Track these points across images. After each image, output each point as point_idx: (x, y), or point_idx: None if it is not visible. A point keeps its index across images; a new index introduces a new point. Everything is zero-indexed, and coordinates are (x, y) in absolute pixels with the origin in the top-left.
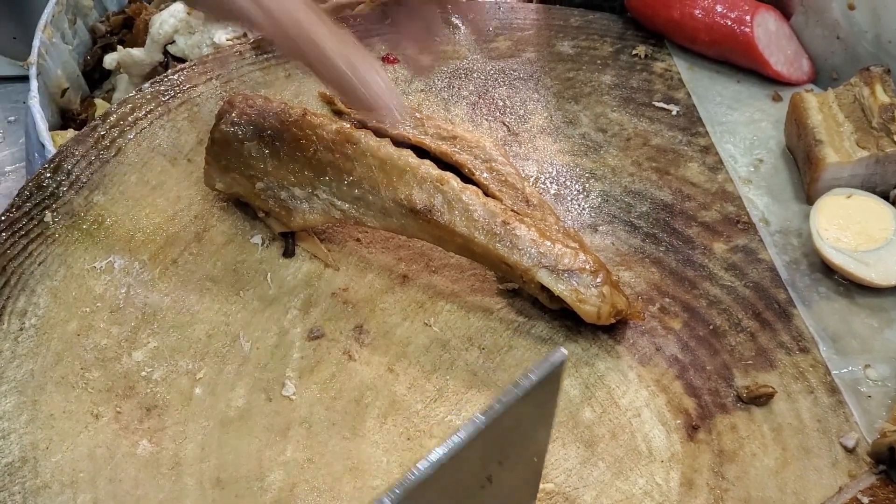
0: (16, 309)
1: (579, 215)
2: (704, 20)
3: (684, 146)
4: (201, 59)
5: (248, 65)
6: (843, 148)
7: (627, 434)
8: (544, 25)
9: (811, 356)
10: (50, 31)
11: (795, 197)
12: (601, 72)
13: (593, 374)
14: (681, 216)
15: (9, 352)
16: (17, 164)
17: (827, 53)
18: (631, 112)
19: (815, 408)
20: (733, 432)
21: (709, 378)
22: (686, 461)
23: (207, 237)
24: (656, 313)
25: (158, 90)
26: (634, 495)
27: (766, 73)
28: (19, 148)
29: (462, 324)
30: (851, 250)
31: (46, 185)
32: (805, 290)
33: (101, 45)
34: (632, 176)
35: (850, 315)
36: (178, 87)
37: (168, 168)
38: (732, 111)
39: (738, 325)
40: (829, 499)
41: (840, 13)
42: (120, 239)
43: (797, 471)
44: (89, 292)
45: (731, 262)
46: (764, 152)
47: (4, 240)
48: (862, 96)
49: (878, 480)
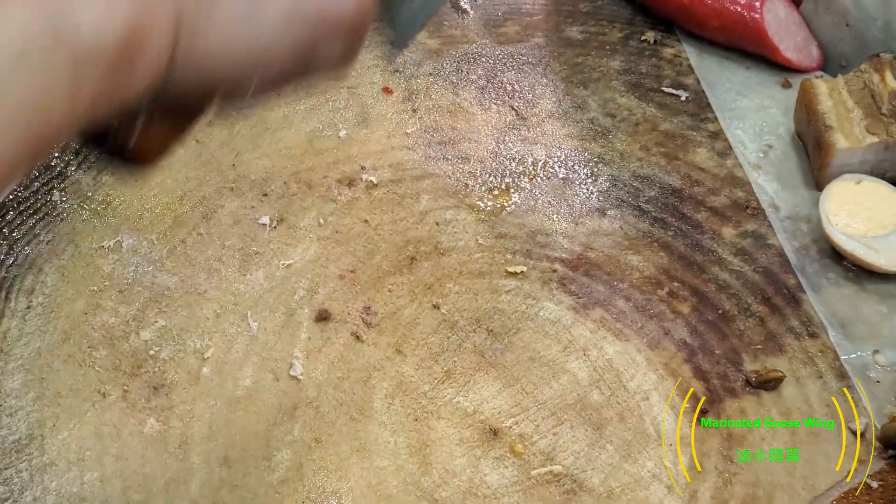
0: (23, 287)
1: (587, 199)
2: (714, 6)
3: (693, 132)
4: None
5: None
6: (852, 134)
7: (636, 417)
8: (553, 11)
9: (820, 341)
10: None
11: (805, 183)
12: (610, 57)
13: (601, 356)
14: (689, 201)
15: (16, 330)
16: None
17: (836, 40)
18: (640, 97)
19: (824, 392)
20: (742, 415)
21: (717, 362)
22: (695, 445)
23: (215, 217)
24: (665, 297)
25: None
26: (643, 478)
27: (775, 59)
28: None
29: (470, 305)
30: (861, 236)
31: (54, 165)
32: (814, 276)
33: None
34: (640, 161)
35: (859, 301)
36: None
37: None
38: (742, 97)
39: (748, 310)
40: (837, 483)
41: (851, 1)
42: (128, 219)
43: (806, 455)
44: (97, 271)
45: (741, 248)
46: (773, 138)
47: (12, 219)
48: (872, 83)
49: (888, 465)
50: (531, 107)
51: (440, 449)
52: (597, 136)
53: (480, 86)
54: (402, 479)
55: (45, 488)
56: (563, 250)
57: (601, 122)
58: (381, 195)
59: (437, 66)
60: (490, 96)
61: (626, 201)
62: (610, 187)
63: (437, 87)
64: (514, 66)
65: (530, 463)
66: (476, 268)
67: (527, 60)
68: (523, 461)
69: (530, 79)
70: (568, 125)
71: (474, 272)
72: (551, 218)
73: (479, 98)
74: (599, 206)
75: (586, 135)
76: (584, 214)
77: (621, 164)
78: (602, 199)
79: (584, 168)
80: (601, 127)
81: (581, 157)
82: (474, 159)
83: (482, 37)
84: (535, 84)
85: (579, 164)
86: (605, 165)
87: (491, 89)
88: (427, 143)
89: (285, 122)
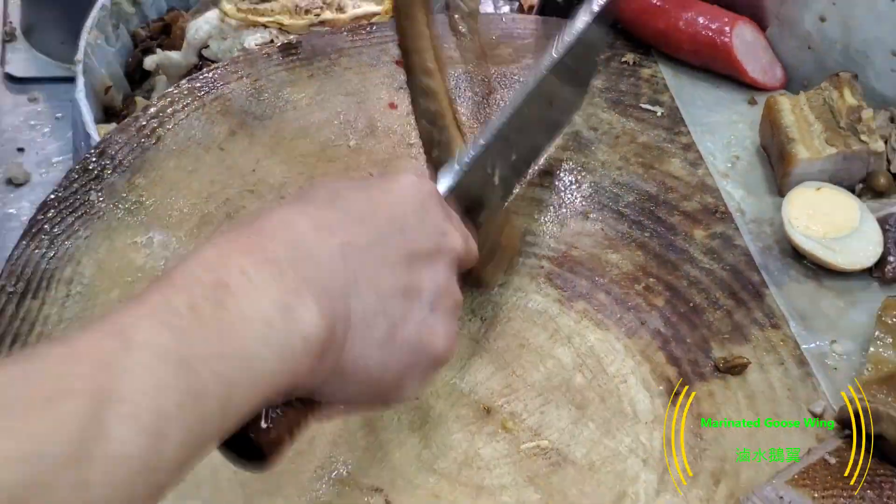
0: (63, 277)
1: (572, 203)
2: (688, 31)
3: (668, 143)
4: (233, 60)
5: (275, 66)
6: (813, 145)
7: (615, 398)
8: (542, 35)
9: (782, 332)
10: (95, 34)
11: (768, 190)
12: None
13: (584, 344)
14: (664, 206)
15: (56, 315)
16: (63, 156)
17: (799, 62)
18: (620, 113)
19: (786, 378)
20: (711, 398)
21: (689, 350)
22: (667, 423)
23: (238, 217)
24: (641, 291)
25: (194, 86)
26: (620, 452)
27: (743, 79)
28: (65, 142)
29: (466, 297)
30: (820, 238)
31: (92, 169)
32: (777, 273)
33: (142, 49)
34: (619, 169)
35: (817, 296)
36: (211, 84)
37: (202, 155)
38: (712, 113)
39: (716, 303)
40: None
41: (812, 25)
42: (159, 217)
43: (769, 434)
44: (130, 264)
45: (710, 248)
46: (740, 150)
47: (53, 216)
48: (831, 99)
49: (844, 443)
50: None
51: (439, 425)
52: (581, 147)
53: (477, 101)
54: (405, 451)
55: None
56: (550, 249)
57: (585, 134)
58: None
59: None
60: (485, 112)
61: (607, 206)
62: (592, 193)
63: None
64: (506, 84)
65: (520, 438)
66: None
67: (518, 80)
68: (513, 436)
69: None
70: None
71: None
72: (539, 220)
73: (475, 113)
74: (583, 209)
75: (571, 146)
76: (568, 217)
77: (602, 172)
78: (585, 203)
79: (568, 175)
80: (585, 139)
81: (566, 165)
82: None
83: (479, 58)
84: None
85: (565, 172)
86: (588, 173)
87: (486, 105)
88: None
89: (301, 132)
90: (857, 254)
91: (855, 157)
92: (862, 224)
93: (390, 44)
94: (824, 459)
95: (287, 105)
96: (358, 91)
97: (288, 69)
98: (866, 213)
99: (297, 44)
